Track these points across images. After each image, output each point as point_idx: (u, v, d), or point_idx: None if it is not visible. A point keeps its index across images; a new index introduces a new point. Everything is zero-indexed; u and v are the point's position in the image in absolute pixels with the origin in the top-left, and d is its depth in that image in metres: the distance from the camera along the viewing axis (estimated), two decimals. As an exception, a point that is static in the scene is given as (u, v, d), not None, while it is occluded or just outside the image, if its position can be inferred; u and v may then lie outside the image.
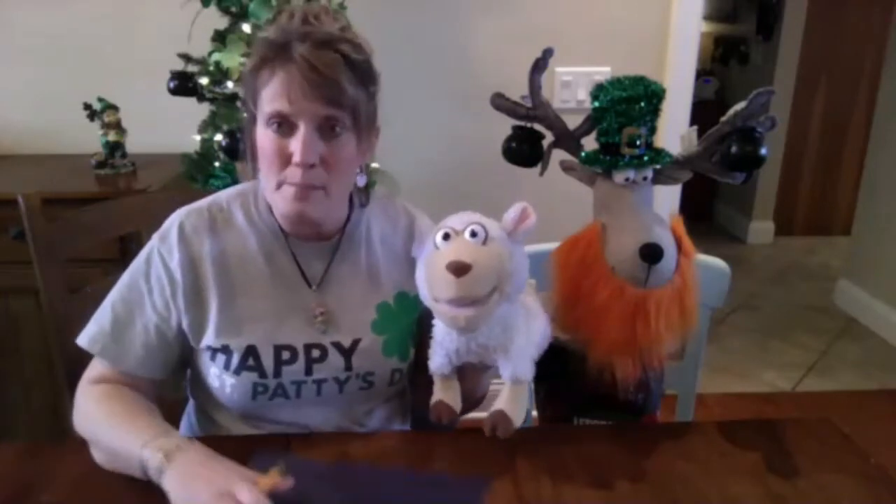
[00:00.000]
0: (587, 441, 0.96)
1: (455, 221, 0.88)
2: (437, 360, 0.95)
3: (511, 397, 0.92)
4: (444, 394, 0.95)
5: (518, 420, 0.91)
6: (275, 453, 0.86)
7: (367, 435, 1.01)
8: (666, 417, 1.18)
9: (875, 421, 2.37)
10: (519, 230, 0.89)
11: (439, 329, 0.94)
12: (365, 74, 0.91)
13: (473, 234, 0.85)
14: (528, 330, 0.93)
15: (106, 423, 0.89)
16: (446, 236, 0.87)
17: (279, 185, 0.91)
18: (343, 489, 0.85)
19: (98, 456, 0.89)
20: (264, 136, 0.90)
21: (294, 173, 0.89)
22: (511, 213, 0.89)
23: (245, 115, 0.96)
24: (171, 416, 1.10)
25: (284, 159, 0.89)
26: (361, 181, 1.01)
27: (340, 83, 0.87)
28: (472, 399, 1.01)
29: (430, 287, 0.87)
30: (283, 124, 0.88)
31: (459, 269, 0.81)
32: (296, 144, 0.88)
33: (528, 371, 0.92)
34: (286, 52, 0.87)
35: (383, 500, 0.85)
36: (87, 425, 0.91)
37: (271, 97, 0.88)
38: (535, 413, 1.20)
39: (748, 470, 0.90)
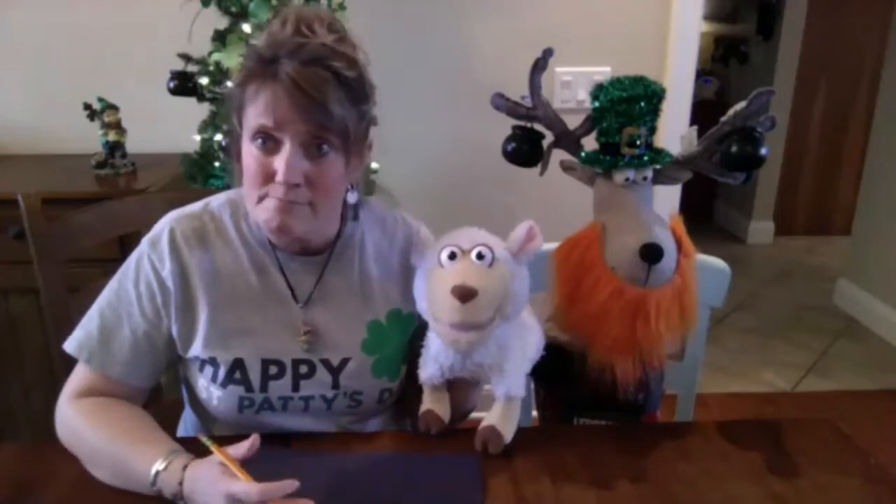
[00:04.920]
0: (587, 441, 0.96)
1: (462, 240, 0.87)
2: (429, 372, 0.94)
3: (503, 413, 0.92)
4: (434, 404, 0.95)
5: (509, 436, 0.91)
6: (275, 451, 0.86)
7: (366, 435, 1.00)
8: (666, 417, 1.19)
9: (875, 421, 2.36)
10: (524, 251, 0.88)
11: (434, 344, 0.93)
12: (356, 92, 0.88)
13: (480, 257, 0.84)
14: (523, 346, 0.93)
15: (108, 444, 0.86)
16: (452, 255, 0.85)
17: (260, 199, 0.88)
18: (339, 478, 0.85)
19: (98, 473, 0.86)
20: (248, 152, 0.88)
21: (276, 189, 0.86)
22: (518, 233, 0.88)
23: (233, 124, 0.92)
24: (170, 416, 1.10)
25: (267, 176, 0.86)
26: (352, 198, 0.98)
27: (327, 104, 0.84)
28: (461, 412, 1.00)
29: (433, 305, 0.86)
30: (268, 141, 0.86)
31: (465, 295, 0.81)
32: (279, 162, 0.85)
33: (520, 388, 0.92)
34: (273, 68, 0.84)
35: (381, 485, 0.85)
36: (81, 444, 0.89)
37: (256, 113, 0.85)
38: (535, 413, 1.20)
39: (748, 470, 0.90)
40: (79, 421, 0.90)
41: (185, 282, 0.94)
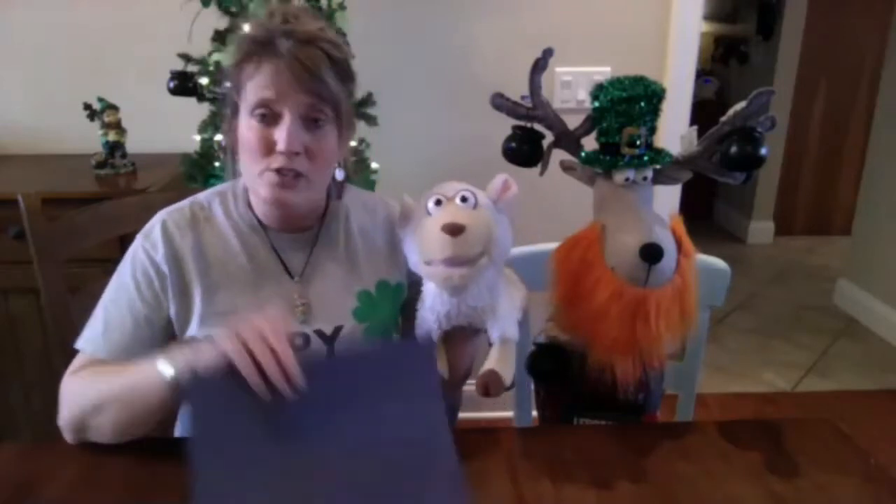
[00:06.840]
0: (587, 441, 0.96)
1: (445, 189, 0.92)
2: (426, 327, 0.96)
3: (501, 357, 0.93)
4: None
5: (508, 378, 0.92)
6: None
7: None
8: (666, 417, 1.19)
9: (875, 421, 2.36)
10: (502, 199, 0.92)
11: (429, 294, 0.95)
12: (345, 72, 0.96)
13: (464, 200, 0.89)
14: (511, 296, 0.96)
15: (114, 377, 0.90)
16: (438, 202, 0.90)
17: (261, 173, 0.93)
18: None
19: (103, 419, 0.89)
20: (248, 126, 0.93)
21: (277, 160, 0.92)
22: (494, 184, 0.92)
23: (227, 110, 0.98)
24: (168, 416, 1.10)
25: (268, 147, 0.92)
26: (340, 175, 1.04)
27: (324, 78, 0.91)
28: (458, 372, 1.00)
29: (424, 250, 0.89)
30: (268, 114, 0.91)
31: (455, 230, 0.85)
32: (280, 133, 0.90)
33: (514, 330, 0.94)
34: (271, 48, 0.90)
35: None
36: (87, 394, 0.91)
37: (257, 87, 0.91)
38: (535, 413, 1.20)
39: (748, 470, 0.90)
40: (83, 380, 0.94)
41: (179, 265, 0.98)
